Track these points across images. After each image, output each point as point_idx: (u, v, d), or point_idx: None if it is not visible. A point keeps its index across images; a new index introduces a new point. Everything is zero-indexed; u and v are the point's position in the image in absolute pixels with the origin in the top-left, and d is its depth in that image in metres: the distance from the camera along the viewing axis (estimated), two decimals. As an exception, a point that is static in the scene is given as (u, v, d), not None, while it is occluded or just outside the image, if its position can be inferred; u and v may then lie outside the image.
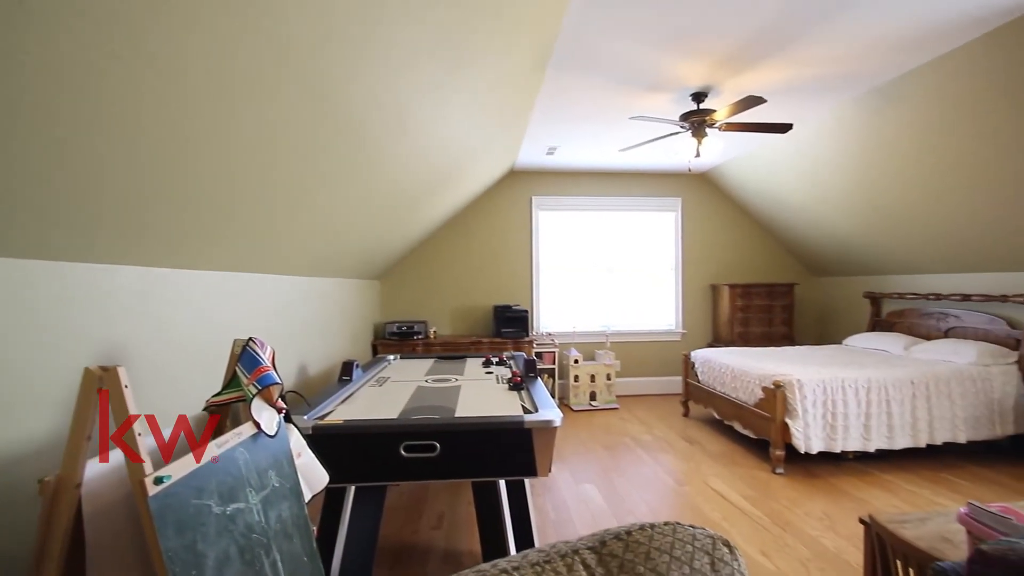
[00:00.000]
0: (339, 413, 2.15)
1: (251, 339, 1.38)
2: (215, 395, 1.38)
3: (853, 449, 3.40)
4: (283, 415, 1.45)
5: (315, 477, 1.60)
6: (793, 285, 5.67)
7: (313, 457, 1.64)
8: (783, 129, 3.44)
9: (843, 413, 3.39)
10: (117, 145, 1.14)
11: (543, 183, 5.71)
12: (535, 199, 5.70)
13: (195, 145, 1.33)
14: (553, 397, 5.25)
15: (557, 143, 4.58)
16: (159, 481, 1.11)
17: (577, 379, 5.21)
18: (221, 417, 1.38)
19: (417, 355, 3.94)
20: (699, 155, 3.58)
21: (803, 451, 3.33)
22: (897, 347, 4.31)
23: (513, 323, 5.16)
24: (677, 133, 3.71)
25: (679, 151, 3.65)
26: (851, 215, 4.65)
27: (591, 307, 5.86)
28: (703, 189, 5.97)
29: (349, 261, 3.67)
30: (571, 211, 5.79)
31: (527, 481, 2.44)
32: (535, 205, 5.70)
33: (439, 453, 1.90)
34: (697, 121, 3.45)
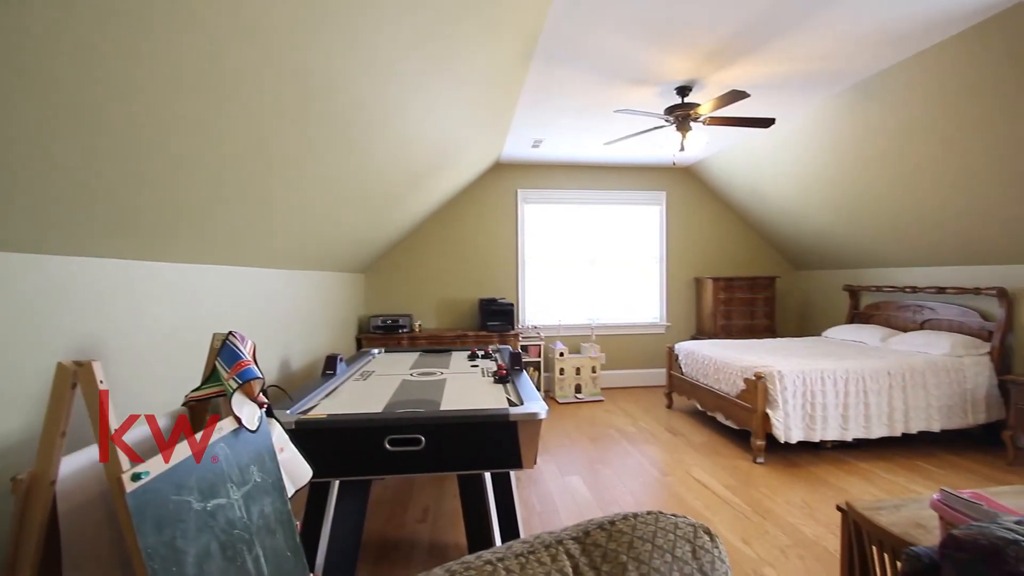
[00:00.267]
0: (323, 407, 2.13)
1: (231, 333, 1.36)
2: (194, 390, 1.36)
3: (831, 438, 3.48)
4: (264, 410, 1.43)
5: (298, 472, 1.59)
6: (775, 278, 5.76)
7: (296, 452, 1.63)
8: (766, 124, 3.47)
9: (822, 403, 3.47)
10: (96, 136, 1.11)
11: (529, 176, 5.70)
12: (521, 192, 5.68)
13: (176, 136, 1.30)
14: (539, 390, 5.27)
15: (542, 136, 4.57)
16: (136, 477, 1.08)
17: (562, 372, 5.24)
18: (201, 411, 1.35)
19: (402, 348, 3.92)
20: (683, 149, 3.60)
21: (783, 441, 3.39)
22: (874, 339, 4.40)
23: (499, 316, 5.16)
24: (662, 127, 3.72)
25: (663, 145, 3.67)
26: (831, 209, 4.72)
27: (577, 300, 5.88)
28: (687, 183, 6.02)
29: (333, 254, 3.63)
30: (557, 204, 5.80)
31: (512, 473, 2.45)
32: (521, 198, 5.69)
33: (424, 446, 1.90)
34: (681, 115, 3.47)
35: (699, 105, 3.36)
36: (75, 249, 1.38)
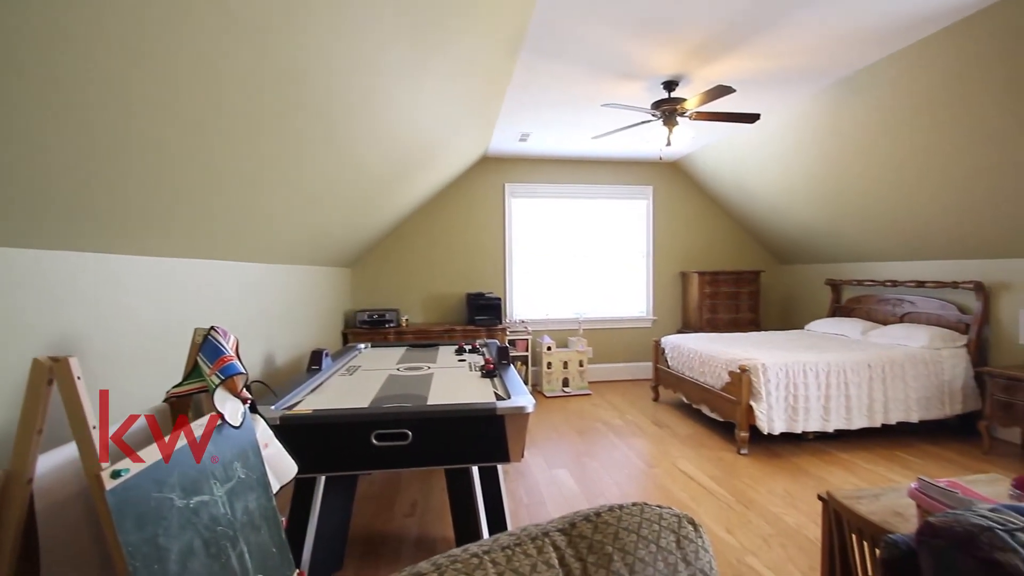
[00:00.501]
0: (308, 403, 2.11)
1: (213, 328, 1.34)
2: (176, 386, 1.34)
3: (813, 429, 3.54)
4: (248, 405, 1.42)
5: (283, 468, 1.57)
6: (759, 272, 5.82)
7: (281, 448, 1.61)
8: (751, 119, 3.50)
9: (804, 395, 3.52)
10: (67, 123, 1.08)
11: (516, 170, 5.69)
12: (508, 186, 5.67)
13: (154, 125, 1.27)
14: (526, 384, 5.29)
15: (530, 130, 4.56)
16: (116, 475, 1.07)
17: (550, 366, 5.26)
18: (182, 408, 1.33)
19: (389, 343, 3.90)
20: (670, 143, 3.61)
21: (766, 432, 3.45)
22: (855, 332, 4.48)
23: (486, 311, 5.15)
24: (649, 121, 3.73)
25: (650, 139, 3.68)
26: (814, 204, 4.78)
27: (564, 295, 5.90)
28: (674, 178, 6.05)
29: (318, 248, 3.59)
30: (544, 198, 5.79)
31: (500, 467, 2.46)
32: (508, 192, 5.67)
33: (411, 441, 1.89)
34: (668, 110, 3.48)
35: (685, 100, 3.37)
36: (50, 242, 1.35)
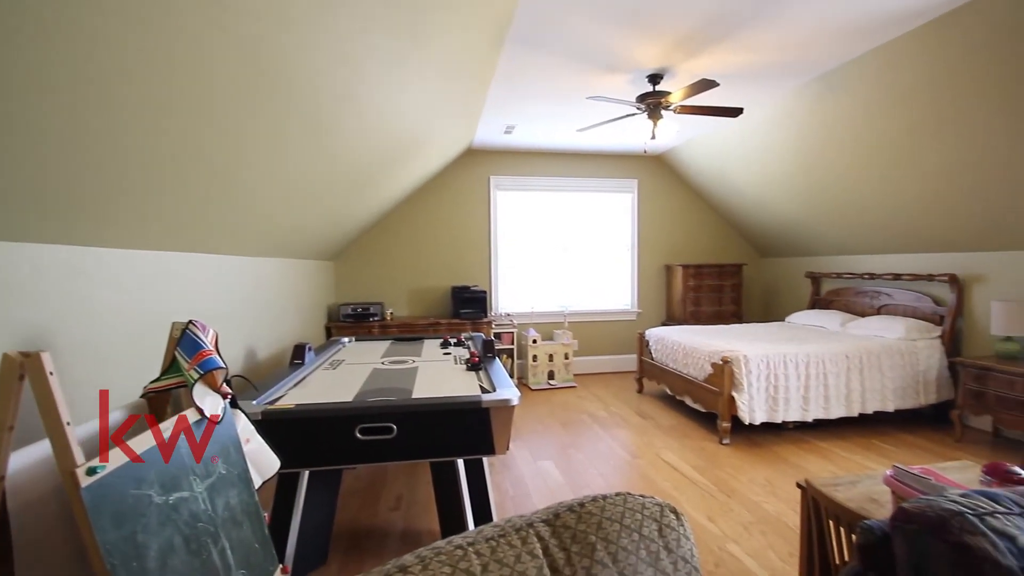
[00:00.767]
0: (291, 397, 2.09)
1: (191, 322, 1.31)
2: (153, 381, 1.31)
3: (793, 419, 3.61)
4: (229, 400, 1.40)
5: (265, 463, 1.56)
6: (742, 265, 5.90)
7: (263, 443, 1.60)
8: (734, 113, 3.52)
9: (784, 386, 3.59)
10: (37, 110, 1.04)
11: (501, 163, 5.67)
12: (493, 179, 5.65)
13: (129, 113, 1.24)
14: (512, 377, 5.30)
15: (515, 122, 4.53)
16: (92, 472, 1.05)
17: (535, 359, 5.27)
18: (161, 403, 1.31)
19: (373, 337, 3.88)
20: (655, 137, 3.63)
21: (748, 422, 3.51)
22: (834, 323, 4.57)
23: (471, 304, 5.14)
24: (633, 115, 3.74)
25: (635, 132, 3.69)
26: (796, 198, 4.85)
27: (549, 288, 5.91)
28: (659, 171, 6.08)
29: (300, 241, 3.54)
30: (530, 191, 5.78)
31: (485, 459, 2.46)
32: (493, 185, 5.65)
33: (396, 435, 1.89)
34: (653, 103, 3.49)
35: (670, 93, 3.39)
36: (20, 235, 1.31)
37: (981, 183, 3.28)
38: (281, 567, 1.53)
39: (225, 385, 1.37)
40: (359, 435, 1.86)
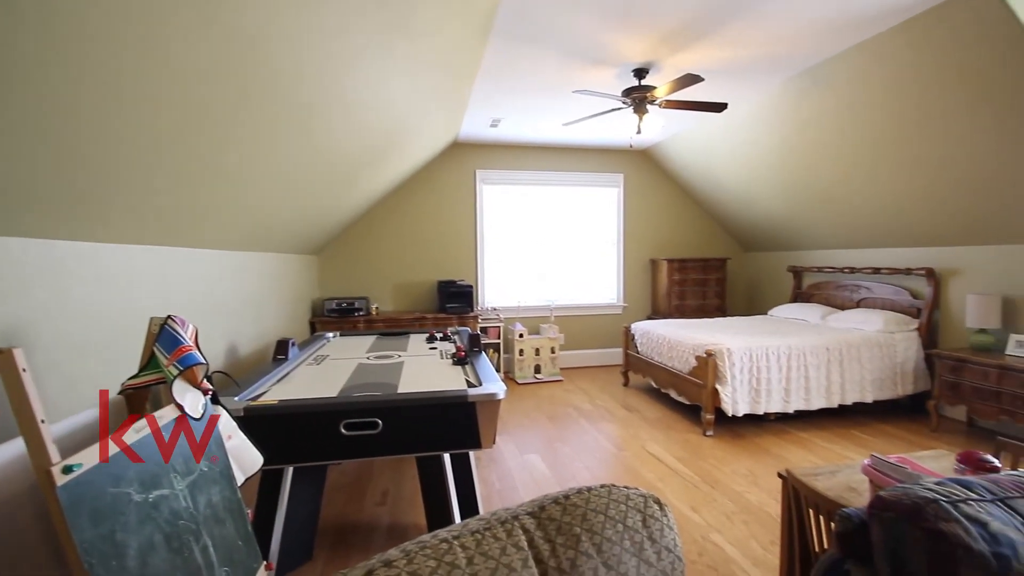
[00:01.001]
0: (274, 393, 2.06)
1: (170, 317, 1.29)
2: (132, 377, 1.29)
3: (775, 411, 3.67)
4: (210, 396, 1.38)
5: (248, 460, 1.54)
6: (726, 260, 5.97)
7: (245, 439, 1.58)
8: (718, 108, 3.55)
9: (767, 378, 3.65)
10: (12, 102, 1.01)
11: (487, 157, 5.64)
12: (479, 173, 5.62)
13: (110, 106, 1.20)
14: (498, 371, 5.30)
15: (501, 115, 4.51)
16: (68, 470, 1.02)
17: (522, 353, 5.28)
18: (139, 400, 1.28)
19: (358, 332, 3.85)
20: (640, 131, 3.64)
21: (731, 414, 3.56)
22: (815, 316, 4.65)
23: (458, 298, 5.13)
24: (619, 109, 3.75)
25: (621, 127, 3.69)
26: (779, 193, 4.91)
27: (536, 282, 5.91)
28: (644, 166, 6.11)
29: (282, 235, 3.49)
30: (516, 185, 5.77)
31: (472, 453, 2.46)
32: (479, 179, 5.63)
33: (382, 430, 1.88)
34: (638, 97, 3.50)
35: (655, 88, 3.39)
36: (-11, 227, 1.27)
37: (959, 179, 3.35)
38: (265, 564, 1.51)
39: (206, 381, 1.35)
40: (344, 430, 1.84)
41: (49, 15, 0.94)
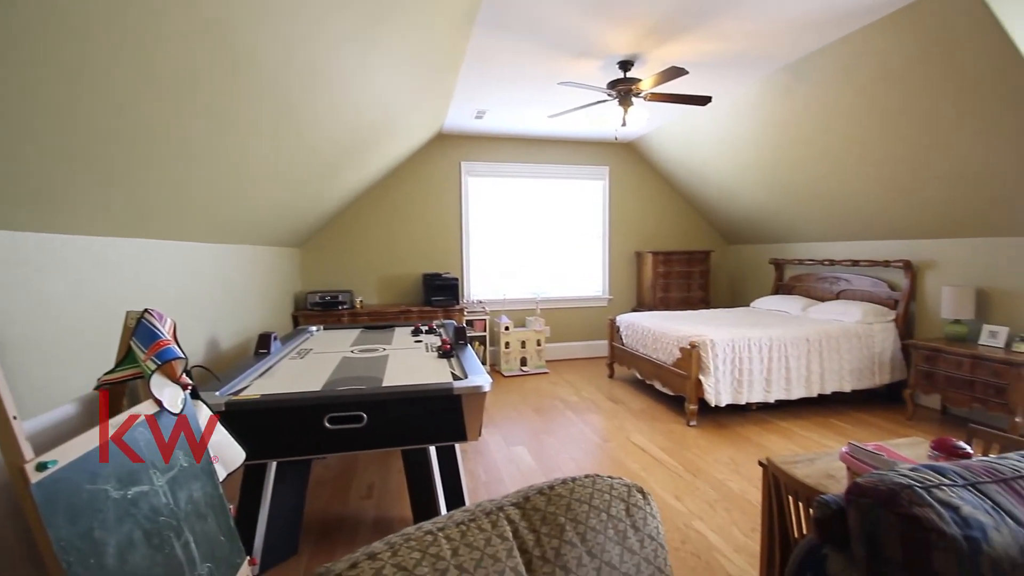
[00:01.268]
0: (256, 388, 2.04)
1: (147, 311, 1.26)
2: (108, 372, 1.26)
3: (756, 401, 3.73)
4: (189, 391, 1.35)
5: (230, 455, 1.52)
6: (709, 252, 6.03)
7: (226, 434, 1.55)
8: (703, 101, 3.56)
9: (748, 369, 3.70)
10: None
11: (472, 148, 5.60)
12: (464, 164, 5.59)
13: (80, 90, 1.16)
14: (484, 364, 5.31)
15: (486, 107, 4.48)
16: (43, 467, 1.00)
17: (508, 345, 5.29)
18: (116, 396, 1.26)
19: (342, 326, 3.81)
20: (625, 124, 3.64)
21: (714, 404, 3.61)
22: (796, 308, 4.73)
23: (443, 291, 5.11)
24: (604, 101, 3.75)
25: (606, 119, 3.70)
26: (761, 187, 4.96)
27: (522, 275, 5.91)
28: (630, 159, 6.12)
29: (263, 227, 3.44)
30: (501, 177, 5.75)
31: (458, 446, 2.46)
32: (464, 171, 5.59)
33: (367, 423, 1.87)
34: (623, 90, 3.50)
35: (640, 80, 3.40)
36: (-45, 218, 1.23)
37: (936, 173, 3.42)
38: (249, 559, 1.50)
39: (185, 376, 1.33)
40: (328, 424, 1.83)
41: (23, 1, 0.91)
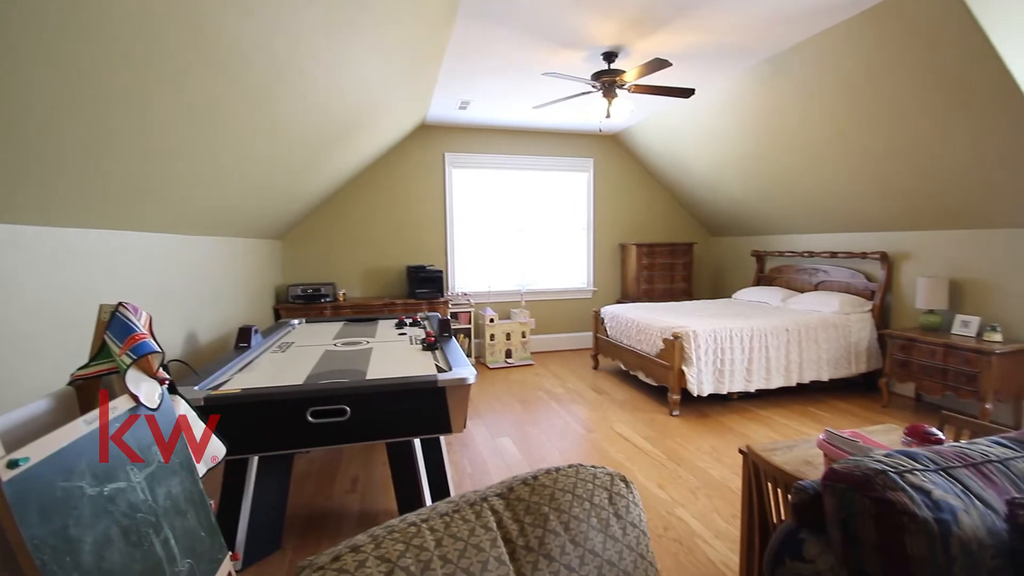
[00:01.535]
0: (236, 382, 2.01)
1: (121, 304, 1.23)
2: (82, 367, 1.23)
3: (737, 390, 3.80)
4: (167, 386, 1.33)
5: (209, 450, 1.49)
6: (692, 244, 6.08)
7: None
8: (686, 94, 3.58)
9: (730, 359, 3.76)
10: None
11: (456, 139, 5.56)
12: (448, 156, 5.54)
13: (50, 76, 1.12)
14: (470, 356, 5.30)
15: (470, 97, 4.45)
16: (14, 464, 0.97)
17: (493, 338, 5.29)
18: (89, 391, 1.23)
19: (325, 319, 3.77)
20: (609, 115, 3.64)
21: (696, 394, 3.66)
22: (776, 299, 4.80)
23: (428, 284, 5.08)
24: (588, 92, 3.74)
25: (590, 111, 3.69)
26: (743, 179, 5.02)
27: (506, 267, 5.91)
28: (614, 151, 6.14)
29: (242, 218, 3.38)
30: (486, 169, 5.72)
31: (443, 438, 2.46)
32: (448, 162, 5.55)
33: (350, 417, 1.85)
34: (608, 81, 3.50)
35: (624, 72, 3.40)
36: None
37: (912, 167, 3.49)
38: (231, 554, 1.48)
39: (162, 370, 1.30)
40: (311, 418, 1.81)
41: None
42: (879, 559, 0.99)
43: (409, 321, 3.46)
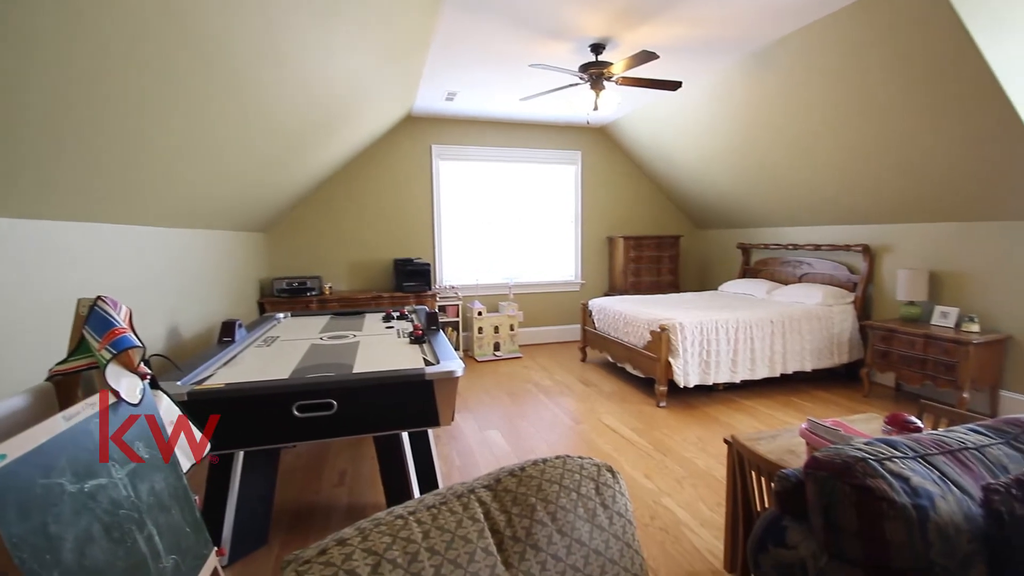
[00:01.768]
0: (220, 376, 1.99)
1: (100, 298, 1.20)
2: (60, 363, 1.20)
3: (723, 381, 3.84)
4: (148, 381, 1.31)
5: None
6: (679, 237, 6.12)
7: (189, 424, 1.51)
8: (674, 86, 3.58)
9: (716, 351, 3.80)
10: None
11: (443, 131, 5.52)
12: (435, 148, 5.50)
13: (25, 64, 1.08)
14: (457, 349, 5.30)
15: (457, 88, 4.41)
16: (-10, 462, 0.95)
17: (481, 331, 5.29)
18: (68, 387, 1.20)
19: (311, 312, 3.74)
20: (597, 108, 3.63)
21: (682, 385, 3.70)
22: (761, 291, 4.86)
23: (415, 277, 5.06)
24: (576, 84, 3.73)
25: (578, 103, 3.68)
26: (729, 172, 5.05)
27: (494, 260, 5.90)
28: (602, 143, 6.14)
29: (224, 211, 3.32)
30: (473, 161, 5.69)
31: (431, 431, 2.46)
32: (435, 154, 5.51)
33: (337, 411, 1.84)
34: (595, 73, 3.49)
35: (612, 64, 3.39)
36: None
37: (893, 161, 3.54)
38: (216, 550, 1.47)
39: (143, 365, 1.28)
40: (297, 412, 1.80)
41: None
42: (860, 544, 1.01)
43: (396, 314, 3.45)
